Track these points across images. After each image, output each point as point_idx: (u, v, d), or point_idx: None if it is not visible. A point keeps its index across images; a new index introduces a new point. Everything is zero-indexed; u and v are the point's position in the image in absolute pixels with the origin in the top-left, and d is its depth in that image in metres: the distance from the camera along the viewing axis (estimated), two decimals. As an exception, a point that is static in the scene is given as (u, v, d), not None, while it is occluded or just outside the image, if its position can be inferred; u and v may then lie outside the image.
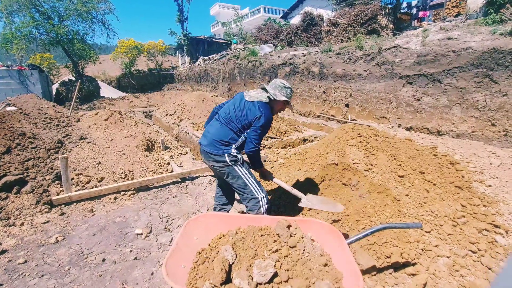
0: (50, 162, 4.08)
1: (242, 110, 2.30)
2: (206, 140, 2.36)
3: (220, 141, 2.27)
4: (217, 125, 2.37)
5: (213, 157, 2.28)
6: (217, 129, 2.33)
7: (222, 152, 2.25)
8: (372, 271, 2.09)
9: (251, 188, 2.29)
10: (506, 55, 5.53)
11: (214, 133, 2.33)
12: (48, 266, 2.39)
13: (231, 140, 2.28)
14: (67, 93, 15.68)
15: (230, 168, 2.28)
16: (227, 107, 2.45)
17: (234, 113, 2.31)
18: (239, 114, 2.29)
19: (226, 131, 2.28)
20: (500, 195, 2.53)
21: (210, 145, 2.29)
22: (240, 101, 2.37)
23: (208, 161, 2.37)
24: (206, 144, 2.33)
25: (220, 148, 2.25)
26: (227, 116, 2.35)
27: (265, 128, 2.28)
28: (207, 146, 2.31)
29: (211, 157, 2.30)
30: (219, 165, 2.29)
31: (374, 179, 2.75)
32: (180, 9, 23.98)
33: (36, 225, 3.00)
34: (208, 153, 2.30)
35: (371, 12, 10.58)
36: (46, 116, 5.53)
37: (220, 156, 2.25)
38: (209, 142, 2.31)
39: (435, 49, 6.71)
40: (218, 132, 2.31)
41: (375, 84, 8.16)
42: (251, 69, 13.75)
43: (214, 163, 2.31)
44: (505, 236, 2.19)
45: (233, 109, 2.34)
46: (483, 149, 3.24)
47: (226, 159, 2.23)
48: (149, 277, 2.29)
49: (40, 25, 14.81)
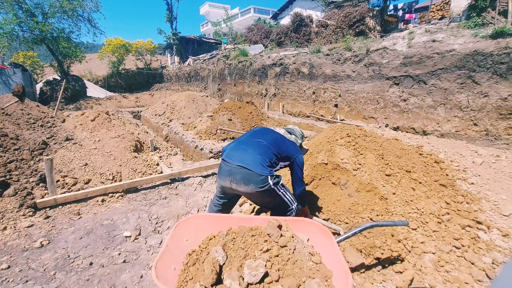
0: (34, 164, 3.96)
1: (285, 142, 2.32)
2: (247, 156, 2.06)
3: (268, 160, 2.07)
4: (260, 144, 2.17)
5: (255, 178, 1.98)
6: (262, 149, 2.13)
7: (267, 173, 2.00)
8: (361, 269, 2.13)
9: (289, 203, 2.21)
10: (487, 57, 5.73)
11: (260, 151, 2.10)
12: (33, 271, 2.32)
13: (274, 164, 2.15)
14: (52, 93, 15.24)
15: (271, 190, 2.05)
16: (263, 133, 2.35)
17: (275, 141, 2.24)
18: (282, 146, 2.25)
19: (271, 154, 2.13)
20: (482, 192, 2.62)
21: (255, 163, 2.00)
22: (275, 133, 2.39)
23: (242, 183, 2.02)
24: (249, 161, 2.01)
25: (267, 168, 2.03)
26: (269, 141, 2.22)
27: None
28: (251, 163, 2.00)
29: (251, 177, 1.98)
30: (259, 186, 1.99)
31: (363, 178, 2.80)
32: (169, 8, 23.70)
33: (19, 229, 2.91)
34: (250, 171, 1.97)
35: (359, 14, 10.76)
36: (30, 117, 5.36)
37: (265, 176, 1.98)
38: (254, 159, 2.03)
39: (420, 51, 6.89)
40: (265, 152, 2.10)
41: (363, 85, 8.31)
42: (241, 69, 13.74)
43: (253, 186, 1.99)
44: (487, 232, 2.27)
45: (273, 138, 2.28)
46: (466, 148, 3.35)
47: (269, 181, 1.99)
48: (138, 280, 2.26)
49: (23, 22, 14.35)
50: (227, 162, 2.08)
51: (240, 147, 2.18)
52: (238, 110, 7.06)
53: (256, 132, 2.40)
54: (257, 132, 2.38)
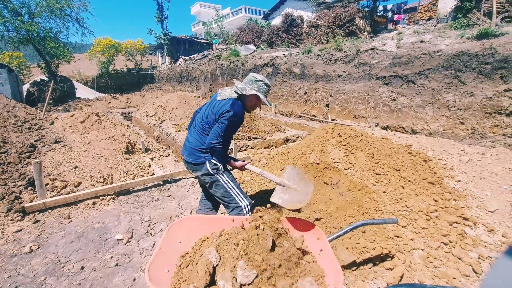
0: (22, 168, 3.88)
1: (212, 111, 2.17)
2: (186, 150, 2.30)
3: (199, 149, 2.20)
4: (194, 133, 2.28)
5: (195, 167, 2.23)
6: (194, 138, 2.26)
7: (203, 160, 2.18)
8: (352, 266, 2.17)
9: (234, 196, 2.20)
10: (473, 58, 5.89)
11: (192, 142, 2.26)
12: (22, 277, 2.28)
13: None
14: (40, 94, 14.88)
15: (212, 177, 2.19)
16: (202, 111, 2.34)
17: (207, 116, 2.19)
18: (211, 116, 2.15)
19: (203, 138, 2.18)
20: (468, 189, 2.70)
21: (190, 155, 2.23)
22: (212, 102, 2.25)
23: (192, 172, 2.33)
24: (187, 154, 2.27)
25: (200, 156, 2.18)
26: (202, 122, 2.23)
27: (231, 123, 2.08)
28: (188, 156, 2.25)
29: (193, 167, 2.25)
30: (201, 173, 2.23)
31: (354, 177, 2.84)
32: (160, 8, 23.47)
33: (7, 234, 2.84)
34: (189, 163, 2.25)
35: (349, 14, 10.90)
36: (17, 119, 5.23)
37: (202, 165, 2.19)
38: (189, 152, 2.25)
39: (409, 51, 7.03)
40: (196, 141, 2.23)
41: (354, 85, 8.43)
42: (233, 69, 13.73)
43: (197, 173, 2.26)
44: (473, 227, 2.34)
45: (207, 113, 2.22)
46: (453, 147, 3.45)
47: (207, 167, 2.15)
48: (131, 283, 2.24)
49: (9, 22, 13.95)
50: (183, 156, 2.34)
51: (185, 142, 2.36)
52: (231, 110, 7.04)
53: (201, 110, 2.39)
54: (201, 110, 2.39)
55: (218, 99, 2.20)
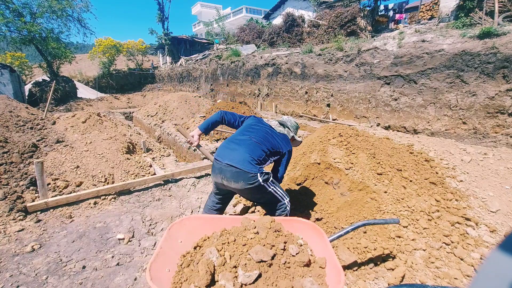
0: (24, 167, 3.89)
1: (274, 138, 2.36)
2: (236, 155, 2.12)
3: (256, 158, 2.13)
4: (250, 142, 2.22)
5: (244, 176, 2.05)
6: (249, 147, 2.19)
7: (256, 171, 2.07)
8: (353, 267, 2.16)
9: (280, 198, 2.27)
10: (475, 57, 5.87)
11: (247, 149, 2.16)
12: (24, 276, 2.28)
13: (264, 160, 2.23)
14: (41, 94, 14.95)
15: (260, 186, 2.13)
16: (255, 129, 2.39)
17: (265, 137, 2.31)
18: (272, 141, 2.32)
19: (259, 150, 2.20)
20: (470, 189, 2.69)
21: (243, 162, 2.07)
22: (267, 127, 2.44)
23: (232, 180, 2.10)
24: (238, 160, 2.08)
25: (255, 166, 2.10)
26: (259, 137, 2.28)
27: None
28: (240, 162, 2.07)
29: (239, 175, 2.06)
30: (249, 182, 2.07)
31: (355, 177, 2.84)
32: (161, 8, 23.49)
33: (9, 233, 2.85)
34: (239, 169, 2.05)
35: (350, 14, 10.87)
36: (19, 119, 5.26)
37: (253, 175, 2.05)
38: (243, 158, 2.09)
39: (410, 51, 7.01)
40: (252, 149, 2.17)
41: (355, 85, 8.41)
42: (234, 69, 13.73)
43: (243, 183, 2.07)
44: (475, 228, 2.33)
45: (263, 133, 2.33)
46: (455, 146, 3.43)
47: (259, 178, 2.08)
48: (132, 282, 2.25)
49: (11, 22, 14.03)
50: (218, 160, 2.17)
51: (230, 146, 2.25)
52: (231, 110, 7.05)
53: (248, 126, 2.44)
54: (249, 127, 2.43)
55: (275, 130, 2.46)
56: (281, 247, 1.48)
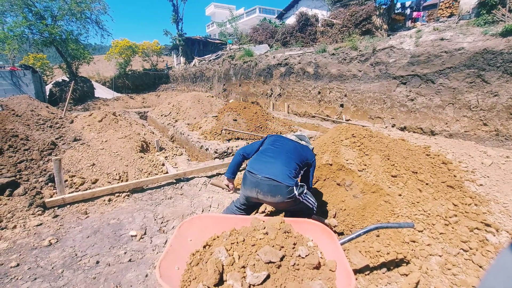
0: (43, 164, 4.04)
1: (301, 150, 2.43)
2: (274, 168, 2.12)
3: (293, 171, 2.16)
4: (285, 158, 2.24)
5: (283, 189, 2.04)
6: (286, 162, 2.20)
7: (293, 184, 2.06)
8: (365, 271, 2.11)
9: (311, 207, 2.33)
10: (497, 56, 5.62)
11: (285, 163, 2.18)
12: (41, 269, 2.37)
13: (298, 173, 2.27)
14: (61, 94, 15.51)
15: (295, 199, 2.13)
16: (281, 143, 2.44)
17: (295, 151, 2.37)
18: (301, 153, 2.38)
19: (294, 164, 2.23)
20: (491, 194, 2.57)
21: (282, 175, 2.06)
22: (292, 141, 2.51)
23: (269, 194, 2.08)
24: (275, 173, 2.07)
25: (293, 179, 2.10)
26: (290, 153, 2.31)
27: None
28: (278, 176, 2.06)
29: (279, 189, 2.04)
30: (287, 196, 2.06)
31: (368, 179, 2.77)
32: (175, 9, 23.88)
33: (29, 228, 2.97)
34: (278, 183, 2.03)
35: (365, 12, 10.65)
36: (39, 118, 5.47)
37: (289, 188, 2.04)
38: (281, 171, 2.09)
39: (428, 49, 6.79)
40: (289, 163, 2.19)
41: (370, 84, 8.23)
42: (246, 69, 13.76)
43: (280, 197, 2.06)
44: (496, 234, 2.22)
45: (293, 149, 2.39)
46: (475, 149, 3.29)
47: (295, 192, 2.07)
48: (143, 279, 2.28)
49: (33, 25, 14.64)
50: (253, 173, 2.15)
51: (265, 159, 2.25)
52: (243, 110, 7.06)
53: (274, 141, 2.49)
54: (275, 142, 2.48)
55: (300, 143, 2.53)
56: (291, 249, 1.47)
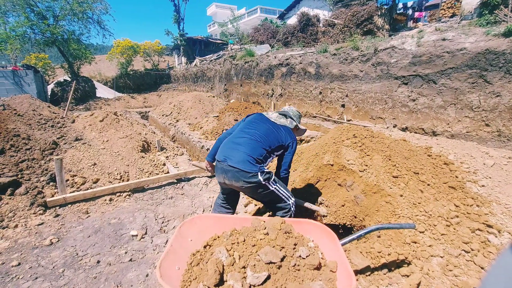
0: (44, 164, 4.05)
1: (276, 131, 2.29)
2: (235, 155, 2.10)
3: (255, 157, 2.09)
4: (249, 141, 2.19)
5: (244, 175, 2.04)
6: (248, 146, 2.15)
7: (257, 170, 2.04)
8: (366, 272, 2.10)
9: (283, 197, 2.21)
10: (500, 56, 5.59)
11: (246, 149, 2.12)
12: (42, 269, 2.37)
13: (265, 158, 2.19)
14: (63, 94, 15.56)
15: (262, 186, 2.10)
16: (254, 126, 2.34)
17: (266, 133, 2.25)
18: (274, 135, 2.26)
19: (259, 148, 2.15)
20: (493, 195, 2.56)
21: (243, 162, 2.05)
22: (267, 122, 2.36)
23: (233, 180, 2.10)
24: (237, 161, 2.06)
25: (255, 165, 2.06)
26: (262, 135, 2.23)
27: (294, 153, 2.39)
28: (239, 163, 2.05)
29: (240, 175, 2.04)
30: (250, 181, 2.05)
31: (369, 179, 2.76)
32: (177, 9, 23.91)
33: (30, 227, 2.98)
34: (240, 170, 2.03)
35: (367, 12, 10.63)
36: (41, 117, 5.49)
37: (254, 174, 2.03)
38: (242, 159, 2.07)
39: (430, 50, 6.76)
40: (251, 148, 2.12)
41: (371, 85, 8.21)
42: (247, 69, 13.75)
43: (242, 183, 2.07)
44: (498, 235, 2.21)
45: (266, 129, 2.28)
46: (476, 150, 3.28)
47: (259, 178, 2.04)
48: (144, 278, 2.29)
49: (35, 25, 14.68)
50: (220, 161, 2.16)
51: (231, 146, 2.23)
52: (244, 110, 7.06)
53: (249, 123, 2.40)
54: (249, 124, 2.39)
55: (276, 123, 2.38)
56: (291, 249, 1.46)
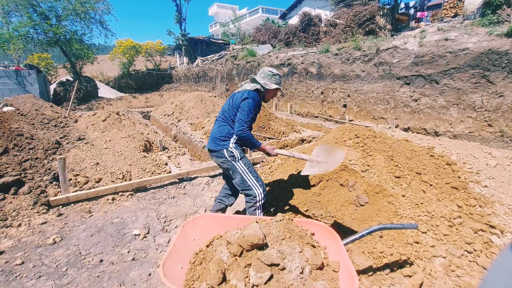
0: (47, 163, 4.07)
1: (231, 101, 2.44)
2: (209, 139, 2.49)
3: (218, 137, 2.38)
4: (216, 123, 2.50)
5: (215, 154, 2.40)
6: (215, 127, 2.47)
7: (220, 148, 2.35)
8: (368, 272, 2.10)
9: (250, 183, 2.34)
10: (503, 56, 5.57)
11: (214, 131, 2.46)
12: (46, 267, 2.39)
13: (228, 134, 2.37)
14: (65, 94, 15.63)
15: (230, 164, 2.36)
16: (224, 106, 2.57)
17: (227, 107, 2.45)
18: (230, 106, 2.42)
19: (223, 127, 2.40)
20: (495, 195, 2.55)
21: (211, 143, 2.43)
22: (232, 97, 2.51)
23: (213, 158, 2.49)
24: (208, 143, 2.47)
25: (219, 144, 2.36)
26: (224, 112, 2.47)
27: (251, 107, 2.27)
28: (209, 144, 2.44)
29: (213, 154, 2.43)
30: (221, 161, 2.39)
31: (371, 179, 2.76)
32: (179, 9, 23.97)
33: (33, 226, 3.00)
34: (210, 150, 2.43)
35: (369, 12, 10.62)
36: (44, 117, 5.51)
37: (220, 152, 2.35)
38: (210, 139, 2.44)
39: (432, 50, 6.75)
40: (217, 130, 2.43)
41: (373, 85, 8.20)
42: (249, 69, 13.76)
43: (216, 159, 2.43)
44: (501, 236, 2.21)
45: (227, 105, 2.48)
46: (479, 150, 3.27)
47: (225, 155, 2.33)
48: (146, 278, 2.30)
49: (38, 25, 14.75)
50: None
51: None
52: (246, 110, 7.06)
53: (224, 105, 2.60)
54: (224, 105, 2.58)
55: (235, 92, 2.51)
56: (294, 248, 1.46)
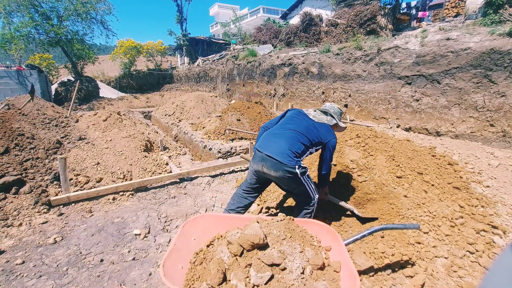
0: (48, 163, 4.08)
1: (314, 128, 2.42)
2: (275, 147, 2.27)
3: (294, 151, 2.25)
4: (290, 135, 2.35)
5: (282, 166, 2.19)
6: (293, 140, 2.31)
7: (294, 164, 2.20)
8: (369, 272, 2.09)
9: (310, 193, 2.36)
10: (505, 56, 5.54)
11: (290, 143, 2.28)
12: (46, 267, 2.39)
13: (302, 153, 2.32)
14: (66, 94, 15.65)
15: (297, 178, 2.25)
16: (295, 121, 2.48)
17: (306, 129, 2.39)
18: (312, 132, 2.39)
19: (299, 144, 2.32)
20: (498, 195, 2.53)
21: (282, 155, 2.20)
22: (307, 119, 2.50)
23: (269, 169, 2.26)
24: (277, 152, 2.23)
25: (294, 159, 2.22)
26: (301, 131, 2.37)
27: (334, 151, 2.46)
28: (279, 155, 2.21)
29: (278, 166, 2.20)
30: (286, 174, 2.21)
31: (375, 180, 2.75)
32: (180, 10, 23.96)
33: (34, 225, 3.00)
34: (278, 162, 2.19)
35: (370, 12, 10.59)
36: (45, 117, 5.52)
37: (291, 167, 2.19)
38: (282, 151, 2.23)
39: (434, 49, 6.72)
40: (293, 143, 2.29)
41: (374, 85, 8.17)
42: (250, 69, 13.75)
43: (278, 173, 2.23)
44: (503, 236, 2.19)
45: (306, 127, 2.42)
46: (481, 150, 3.25)
47: (296, 171, 2.20)
48: (147, 277, 2.29)
49: (39, 25, 14.77)
50: (259, 151, 2.33)
51: (271, 138, 2.38)
52: (247, 110, 7.06)
53: (289, 118, 2.55)
54: (290, 119, 2.53)
55: (315, 120, 2.50)
56: (294, 248, 1.46)
